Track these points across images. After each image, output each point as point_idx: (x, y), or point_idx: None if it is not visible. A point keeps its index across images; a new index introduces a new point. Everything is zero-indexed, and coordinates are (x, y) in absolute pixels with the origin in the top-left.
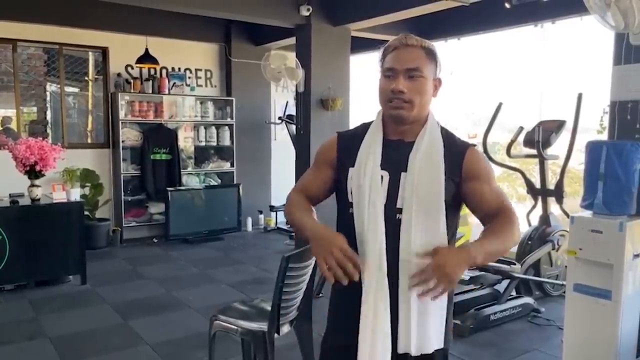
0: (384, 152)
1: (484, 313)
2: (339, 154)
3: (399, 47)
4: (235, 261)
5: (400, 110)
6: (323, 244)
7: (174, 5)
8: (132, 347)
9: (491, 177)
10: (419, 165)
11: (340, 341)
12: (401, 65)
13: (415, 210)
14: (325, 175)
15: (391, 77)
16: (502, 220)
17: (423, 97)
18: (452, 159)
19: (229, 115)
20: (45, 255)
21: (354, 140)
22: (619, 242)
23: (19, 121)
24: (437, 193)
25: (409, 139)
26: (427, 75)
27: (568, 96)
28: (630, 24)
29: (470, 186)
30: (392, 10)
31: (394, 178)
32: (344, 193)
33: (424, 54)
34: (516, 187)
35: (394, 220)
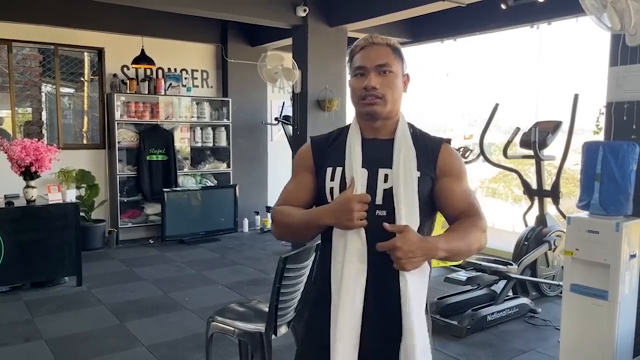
0: (362, 151)
1: (481, 314)
2: (315, 157)
3: (367, 46)
4: (232, 262)
5: (374, 106)
6: (343, 208)
7: (170, 6)
8: (128, 349)
9: (463, 175)
10: (400, 162)
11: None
12: (371, 62)
13: (396, 206)
14: (306, 182)
15: (362, 75)
16: (471, 223)
17: (394, 92)
18: (427, 155)
19: (225, 116)
20: (40, 257)
21: (327, 143)
22: (616, 243)
23: (14, 122)
24: (412, 189)
25: (382, 136)
26: (396, 71)
27: (564, 97)
28: (627, 25)
29: (441, 183)
30: (388, 11)
31: (372, 175)
32: (323, 195)
33: (390, 51)
34: (512, 187)
35: (373, 217)
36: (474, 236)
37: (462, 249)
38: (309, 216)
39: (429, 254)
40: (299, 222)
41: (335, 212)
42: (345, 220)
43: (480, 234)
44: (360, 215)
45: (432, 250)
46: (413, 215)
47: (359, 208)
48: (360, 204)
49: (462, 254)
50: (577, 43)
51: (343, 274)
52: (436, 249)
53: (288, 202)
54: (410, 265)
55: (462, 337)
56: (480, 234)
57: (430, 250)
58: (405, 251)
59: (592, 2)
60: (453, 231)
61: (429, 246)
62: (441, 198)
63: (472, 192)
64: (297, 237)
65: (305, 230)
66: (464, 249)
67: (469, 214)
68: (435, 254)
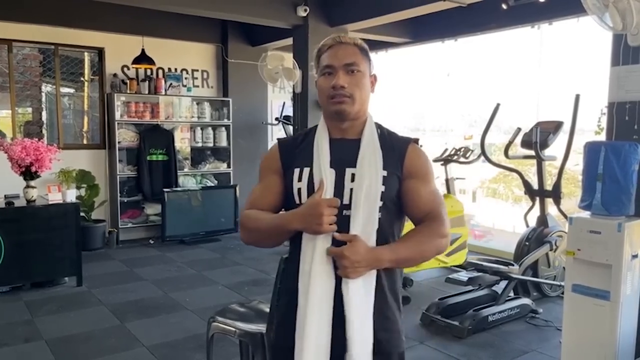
0: (330, 151)
1: (482, 314)
2: (283, 159)
3: (334, 45)
4: (232, 262)
5: (342, 105)
6: (312, 213)
7: (170, 6)
8: (128, 349)
9: (430, 176)
10: (365, 161)
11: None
12: (339, 61)
13: (362, 205)
14: (274, 185)
15: (330, 74)
16: (428, 231)
17: (362, 91)
18: (394, 155)
19: (226, 116)
20: (40, 257)
21: (294, 144)
22: (618, 243)
23: (14, 122)
24: (376, 189)
25: (350, 136)
26: (364, 70)
27: (565, 97)
28: (629, 24)
29: (407, 184)
30: (388, 11)
31: (340, 175)
32: (291, 197)
33: (358, 50)
34: (512, 187)
35: (341, 216)
36: (428, 245)
37: (412, 258)
38: (279, 221)
39: (373, 265)
40: (268, 227)
41: (304, 216)
42: (314, 225)
43: (438, 240)
44: (330, 220)
45: (377, 262)
46: (372, 215)
47: (328, 212)
48: (329, 208)
49: (413, 262)
50: (579, 43)
51: (311, 276)
52: (381, 261)
53: (256, 205)
54: (354, 274)
55: (464, 338)
56: (439, 241)
57: (375, 261)
58: (351, 261)
59: (593, 2)
60: (405, 241)
61: (375, 257)
62: (406, 200)
63: (438, 193)
64: (267, 242)
65: (275, 235)
66: (414, 257)
67: (431, 218)
68: (380, 265)
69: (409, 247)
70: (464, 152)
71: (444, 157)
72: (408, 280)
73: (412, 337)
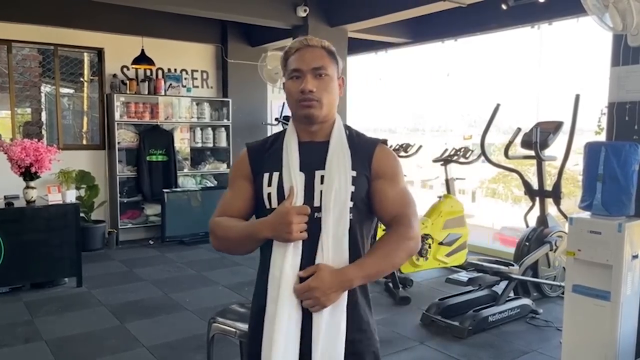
0: (299, 154)
1: (483, 314)
2: (252, 164)
3: (302, 48)
4: (232, 263)
5: (311, 110)
6: (281, 221)
7: (169, 6)
8: (128, 350)
9: (398, 177)
10: (334, 162)
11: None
12: (307, 65)
13: (332, 207)
14: (244, 191)
15: (298, 78)
16: (395, 234)
17: (330, 95)
18: (362, 156)
19: (225, 116)
20: (40, 258)
21: (263, 149)
22: (618, 243)
23: (13, 122)
24: (345, 189)
25: (319, 139)
26: (332, 74)
27: (565, 97)
28: (629, 25)
29: (375, 185)
30: (388, 11)
31: (309, 178)
32: (262, 202)
33: (325, 53)
34: (511, 187)
35: (312, 219)
36: (397, 252)
37: (383, 270)
38: (249, 229)
39: (344, 287)
40: (238, 235)
41: (274, 225)
42: (284, 233)
43: (406, 244)
44: (300, 228)
45: (347, 283)
46: (343, 216)
47: (297, 220)
48: (299, 216)
49: (384, 273)
50: (578, 43)
51: (281, 283)
52: (351, 281)
53: (226, 212)
54: (328, 302)
55: (464, 338)
56: (407, 244)
57: (345, 282)
58: (322, 291)
59: (593, 2)
60: (372, 254)
61: (344, 279)
62: (375, 201)
63: (406, 194)
64: (238, 250)
65: (246, 243)
66: (384, 269)
67: (398, 221)
68: (351, 285)
69: (377, 260)
70: (464, 153)
71: (444, 157)
72: (408, 281)
73: (412, 337)
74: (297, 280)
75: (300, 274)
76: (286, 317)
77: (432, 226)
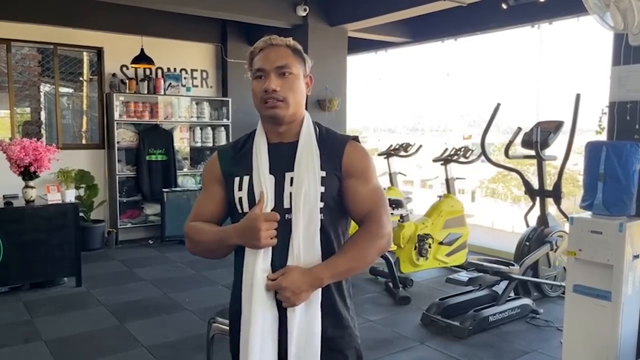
0: (269, 156)
1: (483, 314)
2: (223, 168)
3: (265, 48)
4: (232, 262)
5: (276, 110)
6: (250, 228)
7: (169, 5)
8: (128, 350)
9: (369, 174)
10: (302, 163)
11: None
12: (270, 64)
13: (302, 208)
14: (216, 195)
15: (262, 78)
16: (364, 233)
17: (296, 94)
18: (332, 154)
19: (225, 116)
20: (40, 257)
21: (234, 151)
22: (619, 243)
23: (12, 122)
24: (314, 190)
25: (287, 139)
26: (297, 72)
27: (566, 97)
28: (630, 24)
29: (346, 184)
30: (388, 11)
31: (279, 180)
32: (234, 206)
33: (290, 52)
34: (511, 187)
35: (283, 220)
36: (367, 250)
37: (353, 268)
38: (220, 235)
39: (314, 285)
40: (210, 241)
41: (243, 231)
42: (253, 240)
43: (377, 242)
44: (268, 234)
45: (316, 282)
46: (313, 216)
47: (266, 227)
48: (267, 222)
49: (355, 271)
50: (579, 42)
51: (253, 287)
52: (320, 279)
53: (200, 216)
54: (299, 301)
55: (464, 338)
56: (378, 242)
57: (314, 282)
58: (291, 290)
59: (594, 1)
60: (342, 253)
61: (313, 278)
62: (346, 200)
63: (378, 191)
64: (211, 255)
65: (217, 248)
66: (354, 266)
67: (369, 219)
68: (321, 284)
69: (347, 259)
70: (464, 152)
71: (444, 157)
72: (408, 281)
73: (413, 337)
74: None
75: (270, 276)
76: (260, 318)
77: (432, 226)
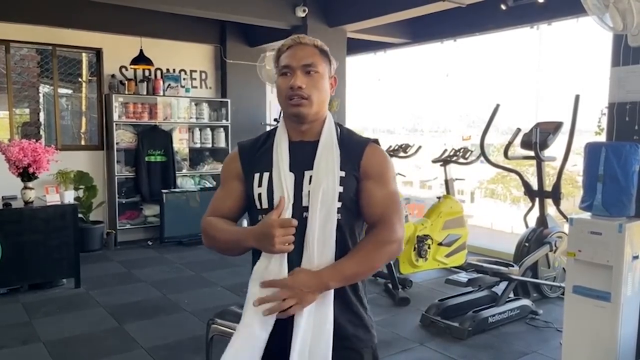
0: (290, 154)
1: (482, 315)
2: (243, 164)
3: (293, 46)
4: (231, 264)
5: (300, 108)
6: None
7: (168, 6)
8: (127, 351)
9: (387, 178)
10: (322, 162)
11: None
12: (297, 62)
13: (319, 207)
14: (235, 191)
15: (288, 75)
16: (375, 237)
17: (321, 93)
18: (351, 155)
19: (224, 116)
20: (38, 259)
21: (254, 148)
22: (619, 244)
23: (11, 123)
24: (332, 189)
25: (309, 138)
26: (323, 72)
27: (565, 98)
28: (629, 25)
29: (363, 185)
30: (388, 12)
31: (299, 178)
32: (252, 202)
33: (317, 51)
34: (510, 188)
35: (301, 219)
36: (376, 255)
37: (361, 272)
38: (236, 236)
39: (321, 288)
40: (226, 240)
41: (258, 235)
42: (267, 245)
43: (387, 247)
44: (283, 240)
45: (322, 285)
46: (330, 216)
47: (280, 233)
48: (282, 229)
49: (363, 275)
50: (578, 43)
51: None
52: (327, 284)
53: (217, 211)
54: (305, 302)
55: (463, 339)
56: (388, 247)
57: (320, 285)
58: (298, 289)
59: (594, 2)
60: (350, 257)
61: (320, 281)
62: (361, 201)
63: (394, 196)
64: (226, 253)
65: (233, 248)
66: (362, 271)
67: (381, 224)
68: (327, 287)
69: (355, 263)
70: (463, 153)
71: (443, 158)
72: (407, 282)
73: (412, 338)
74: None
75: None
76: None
77: (432, 227)
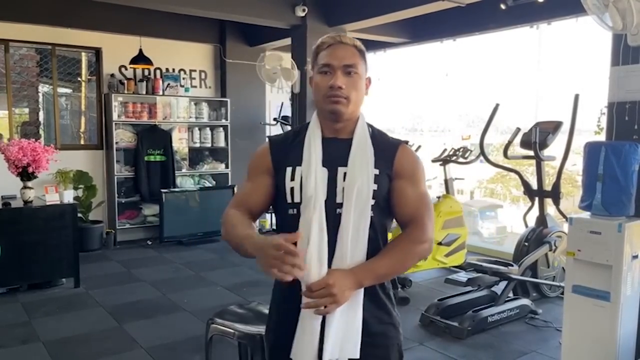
0: (322, 150)
1: (482, 315)
2: (274, 158)
3: (334, 44)
4: (231, 263)
5: (339, 106)
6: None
7: (168, 5)
8: (126, 351)
9: (418, 178)
10: (357, 160)
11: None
12: (338, 61)
13: (354, 204)
14: (263, 185)
15: (327, 74)
16: (409, 237)
17: (359, 93)
18: (384, 155)
19: (224, 116)
20: (38, 258)
21: (286, 143)
22: (618, 243)
23: (11, 123)
24: (367, 186)
25: (342, 135)
26: (361, 73)
27: (564, 97)
28: (629, 24)
29: (395, 184)
30: (387, 11)
31: (332, 174)
32: (282, 196)
33: (357, 52)
34: (510, 187)
35: (333, 215)
36: (408, 255)
37: (393, 270)
38: (244, 241)
39: (354, 287)
40: (236, 241)
41: (258, 251)
42: (263, 266)
43: (419, 247)
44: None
45: (357, 284)
46: (364, 213)
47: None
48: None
49: (394, 274)
50: (578, 43)
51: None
52: (361, 282)
53: (242, 204)
54: (343, 299)
55: (463, 339)
56: (420, 247)
57: (355, 284)
58: (337, 287)
59: (593, 2)
60: (383, 256)
61: (354, 280)
62: (393, 200)
63: (425, 197)
64: (238, 251)
65: (243, 250)
66: (394, 270)
67: (413, 223)
68: (360, 285)
69: (388, 262)
70: (462, 153)
71: (443, 158)
72: (407, 281)
73: (412, 338)
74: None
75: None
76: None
77: None
